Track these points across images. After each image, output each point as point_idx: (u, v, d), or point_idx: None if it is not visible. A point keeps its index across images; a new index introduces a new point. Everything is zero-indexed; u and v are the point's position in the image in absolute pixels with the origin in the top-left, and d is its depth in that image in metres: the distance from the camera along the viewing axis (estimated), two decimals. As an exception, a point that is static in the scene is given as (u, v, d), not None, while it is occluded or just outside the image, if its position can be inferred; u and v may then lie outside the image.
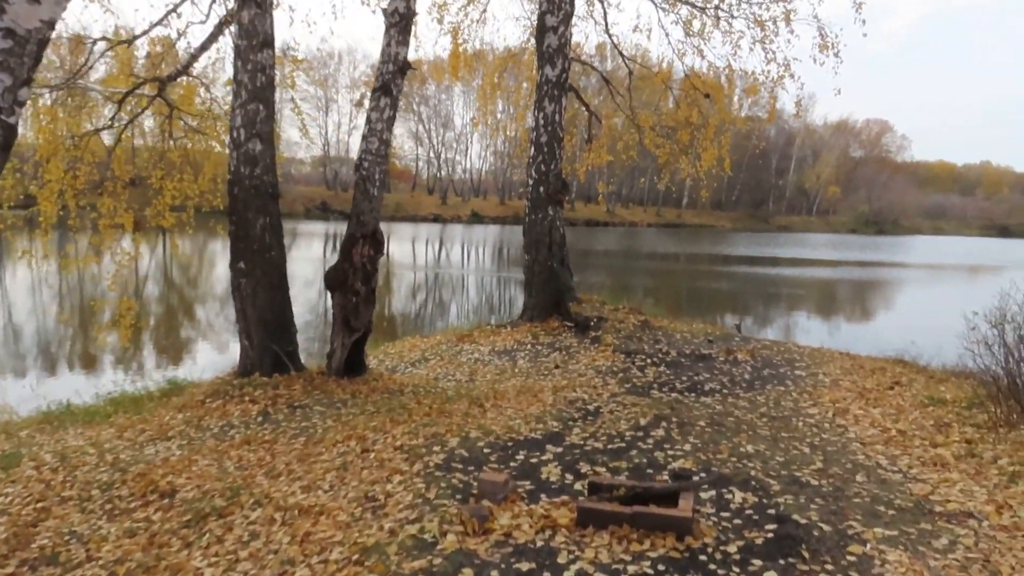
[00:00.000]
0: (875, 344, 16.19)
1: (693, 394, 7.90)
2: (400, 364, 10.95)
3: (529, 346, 11.31)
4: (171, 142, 10.98)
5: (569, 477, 5.14)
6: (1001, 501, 4.67)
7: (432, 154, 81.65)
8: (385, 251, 9.36)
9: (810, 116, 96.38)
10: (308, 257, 36.78)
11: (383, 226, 9.19)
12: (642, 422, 6.48)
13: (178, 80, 9.91)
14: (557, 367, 9.80)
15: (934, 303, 26.06)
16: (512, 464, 5.44)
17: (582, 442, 5.99)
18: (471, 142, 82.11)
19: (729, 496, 4.69)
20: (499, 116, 50.52)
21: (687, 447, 5.77)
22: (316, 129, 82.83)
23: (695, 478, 5.04)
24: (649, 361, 9.56)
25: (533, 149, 12.91)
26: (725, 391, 8.08)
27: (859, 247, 57.94)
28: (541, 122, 12.74)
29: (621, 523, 4.10)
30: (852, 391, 8.03)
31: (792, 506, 4.52)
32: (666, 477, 5.10)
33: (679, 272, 34.76)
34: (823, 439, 6.17)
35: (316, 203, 61.70)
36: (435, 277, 31.35)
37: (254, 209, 8.70)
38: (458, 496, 4.73)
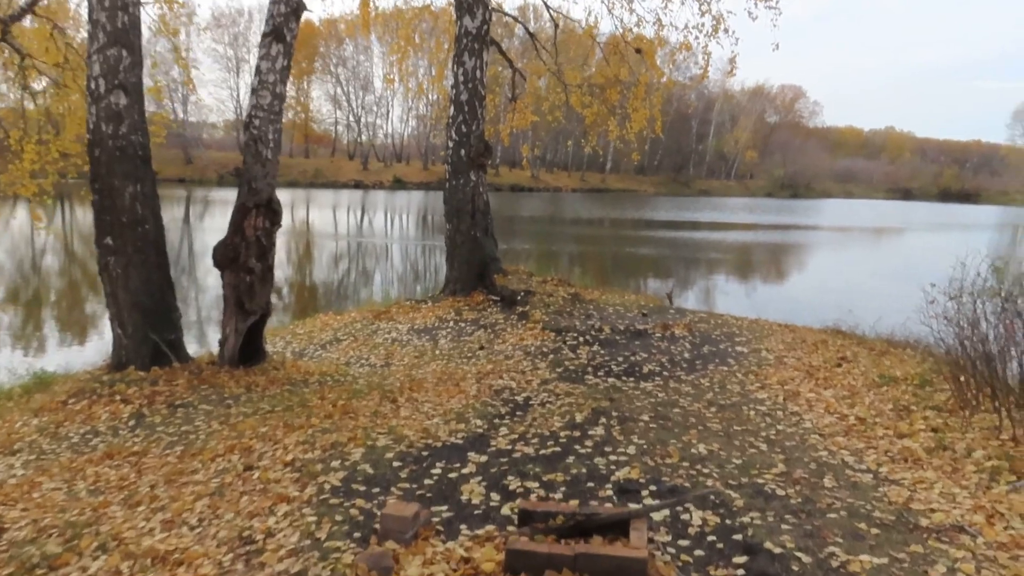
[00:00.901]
0: (807, 311, 15.97)
1: (632, 379, 7.15)
2: (309, 347, 9.85)
3: (451, 324, 10.38)
4: (28, 101, 9.36)
5: (495, 498, 4.25)
6: (989, 508, 4.07)
7: (352, 118, 78.51)
8: (284, 221, 8.20)
9: (729, 82, 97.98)
10: (219, 228, 34.54)
11: (301, 193, 8.20)
12: (578, 418, 5.67)
13: (24, 20, 8.32)
14: (482, 348, 8.91)
15: (851, 265, 26.47)
16: (427, 482, 4.52)
17: (510, 446, 5.12)
18: (392, 105, 79.37)
19: (686, 517, 3.91)
20: (420, 78, 48.64)
21: (631, 449, 4.98)
22: (227, 91, 78.49)
23: (644, 493, 4.25)
24: (582, 340, 8.77)
25: (453, 108, 11.81)
26: (666, 373, 7.37)
27: (776, 210, 59.26)
28: (461, 78, 11.64)
29: (561, 568, 3.26)
30: (799, 369, 7.45)
31: (761, 528, 3.78)
32: (611, 492, 4.29)
33: (605, 238, 34.34)
34: (779, 431, 5.50)
35: (229, 169, 58.45)
36: (356, 247, 29.87)
37: (121, 175, 7.36)
38: (357, 534, 3.78)
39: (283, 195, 8.29)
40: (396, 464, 4.79)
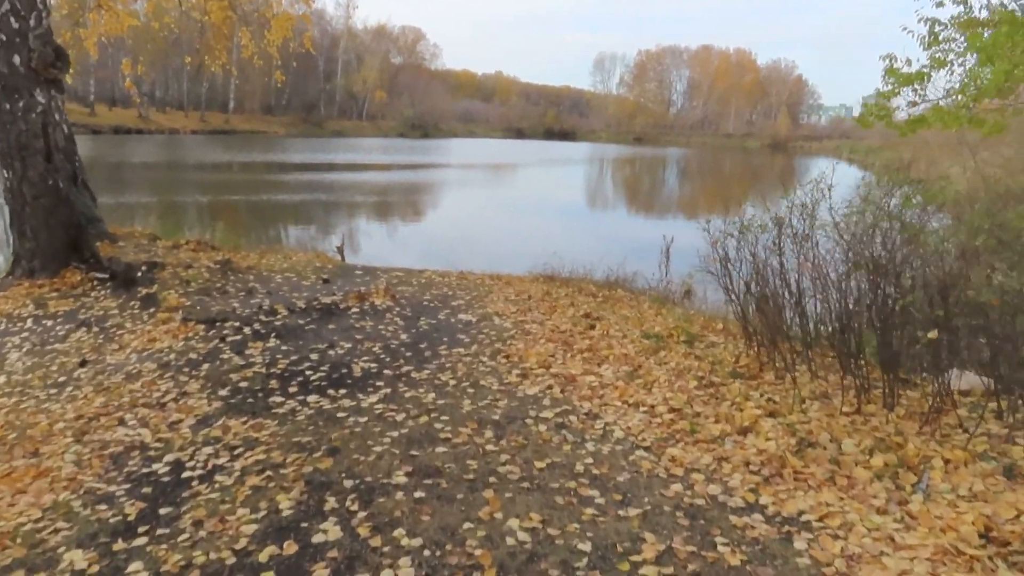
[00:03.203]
0: (487, 254, 14.89)
1: (344, 391, 4.72)
2: None
3: (30, 324, 6.68)
4: None
5: None
6: (946, 546, 2.75)
7: None
8: None
9: (351, 19, 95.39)
10: None
11: None
12: (283, 505, 3.15)
13: None
14: (85, 363, 5.61)
15: (497, 201, 26.72)
16: None
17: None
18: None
19: None
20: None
21: (407, 571, 2.68)
22: None
23: None
24: (249, 331, 6.00)
25: (-9, -11, 7.57)
26: (389, 373, 5.08)
27: (410, 150, 59.42)
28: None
29: None
30: (551, 340, 5.78)
31: None
32: None
33: (237, 184, 29.77)
34: (598, 458, 3.67)
35: None
36: None
37: None
38: None
39: None
40: None
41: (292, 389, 4.74)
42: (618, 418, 4.17)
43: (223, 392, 4.71)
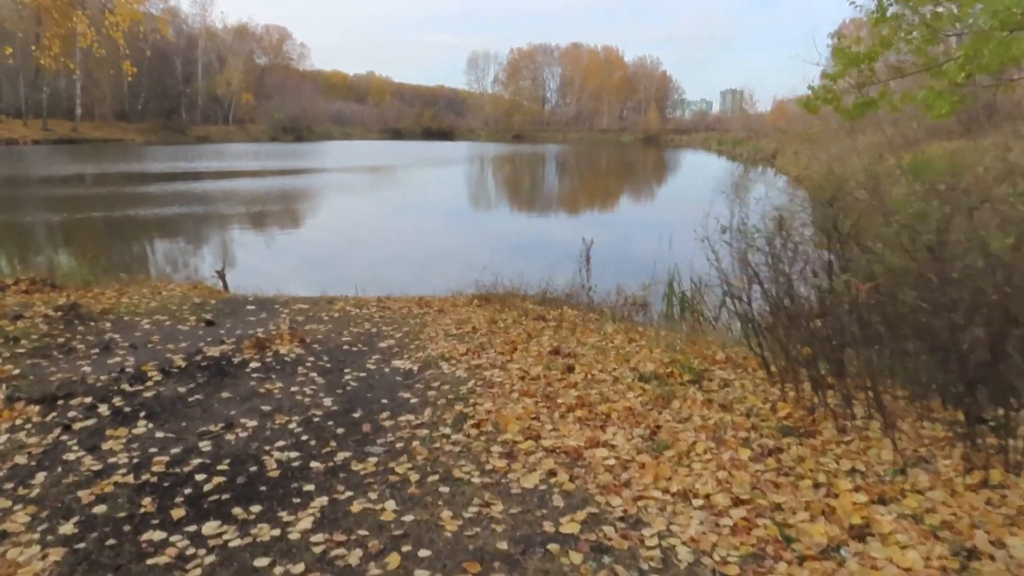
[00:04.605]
0: (389, 265, 13.40)
1: (260, 507, 3.20)
2: None
3: None
4: None
5: None
6: None
7: None
8: None
9: (209, 18, 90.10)
10: None
11: None
12: None
13: None
14: None
15: (374, 206, 25.12)
16: None
17: None
18: None
19: None
20: None
21: None
22: None
23: None
24: (107, 411, 4.31)
25: None
26: (321, 466, 3.60)
27: (283, 155, 56.27)
28: None
29: None
30: (530, 394, 4.46)
31: None
32: None
33: (92, 199, 26.31)
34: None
35: None
36: None
37: None
38: None
39: None
40: None
41: (177, 512, 3.17)
42: (669, 522, 2.93)
43: (67, 528, 3.08)
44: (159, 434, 4.00)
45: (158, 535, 2.99)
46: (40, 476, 3.55)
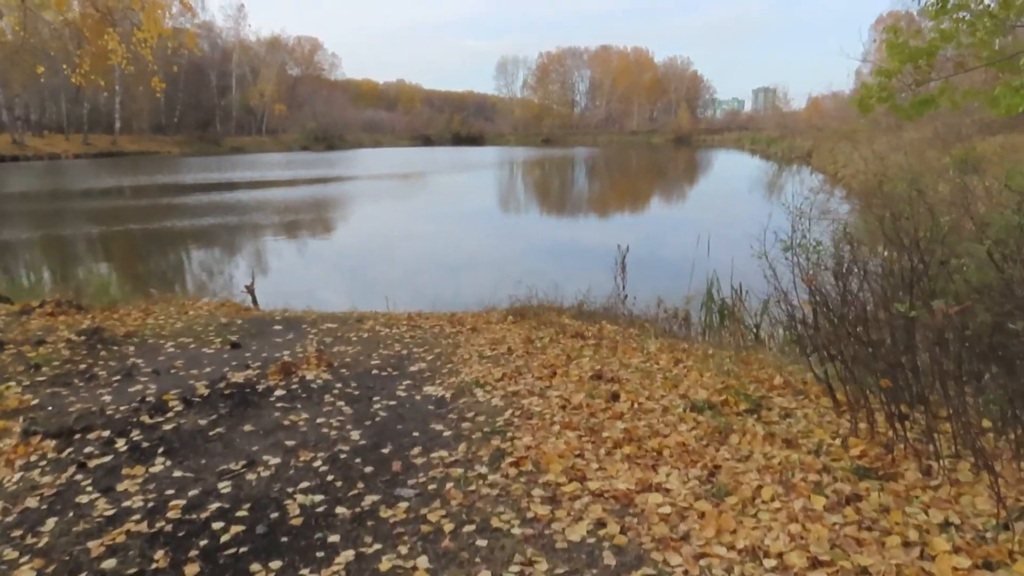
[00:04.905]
0: (420, 276, 13.19)
1: (282, 563, 2.92)
2: None
3: None
4: None
5: None
6: None
7: None
8: None
9: (242, 31, 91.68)
10: None
11: None
12: None
13: None
14: None
15: (404, 213, 24.94)
16: None
17: None
18: None
19: None
20: None
21: None
22: None
23: None
24: (125, 446, 4.07)
25: None
26: (347, 512, 3.29)
27: (314, 164, 56.70)
28: None
29: None
30: (572, 427, 4.10)
31: None
32: None
33: (129, 211, 26.62)
34: None
35: None
36: None
37: None
38: None
39: None
40: None
41: (191, 568, 2.90)
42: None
43: (71, 584, 2.83)
44: (177, 473, 3.74)
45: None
46: (51, 522, 3.31)
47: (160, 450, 4.02)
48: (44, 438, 4.21)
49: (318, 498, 3.43)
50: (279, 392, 4.80)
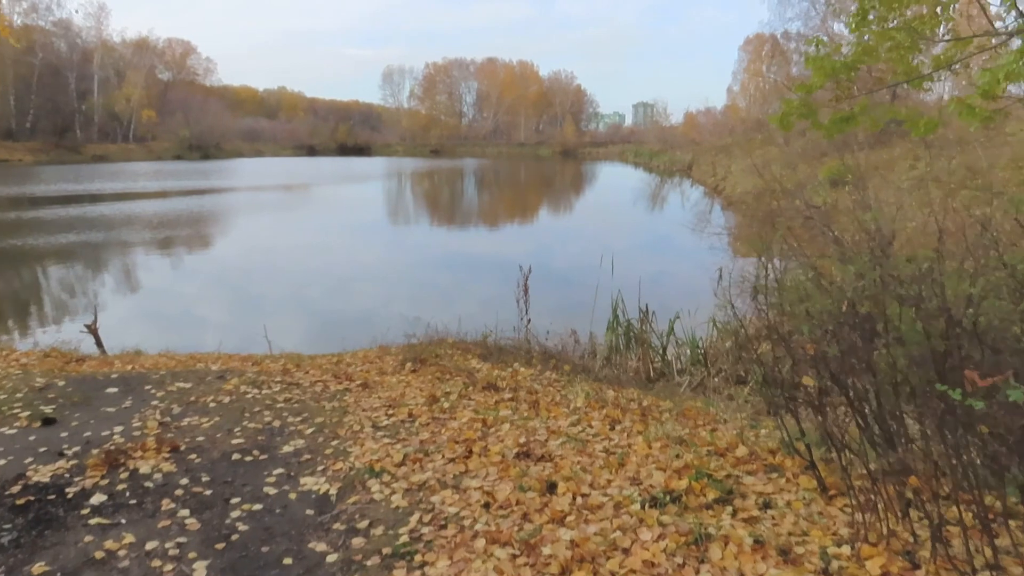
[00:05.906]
0: (298, 301, 11.83)
1: None
2: None
3: None
4: None
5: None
6: None
7: None
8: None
9: (105, 31, 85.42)
10: None
11: None
12: None
13: None
14: None
15: (285, 228, 23.26)
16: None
17: None
18: None
19: None
20: None
21: None
22: None
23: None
24: None
25: None
26: None
27: (188, 174, 53.16)
28: None
29: None
30: (499, 539, 3.11)
31: None
32: None
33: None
34: None
35: None
36: None
37: None
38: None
39: None
40: None
41: None
42: None
43: None
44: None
45: None
46: None
47: None
48: None
49: None
50: (98, 498, 3.52)
